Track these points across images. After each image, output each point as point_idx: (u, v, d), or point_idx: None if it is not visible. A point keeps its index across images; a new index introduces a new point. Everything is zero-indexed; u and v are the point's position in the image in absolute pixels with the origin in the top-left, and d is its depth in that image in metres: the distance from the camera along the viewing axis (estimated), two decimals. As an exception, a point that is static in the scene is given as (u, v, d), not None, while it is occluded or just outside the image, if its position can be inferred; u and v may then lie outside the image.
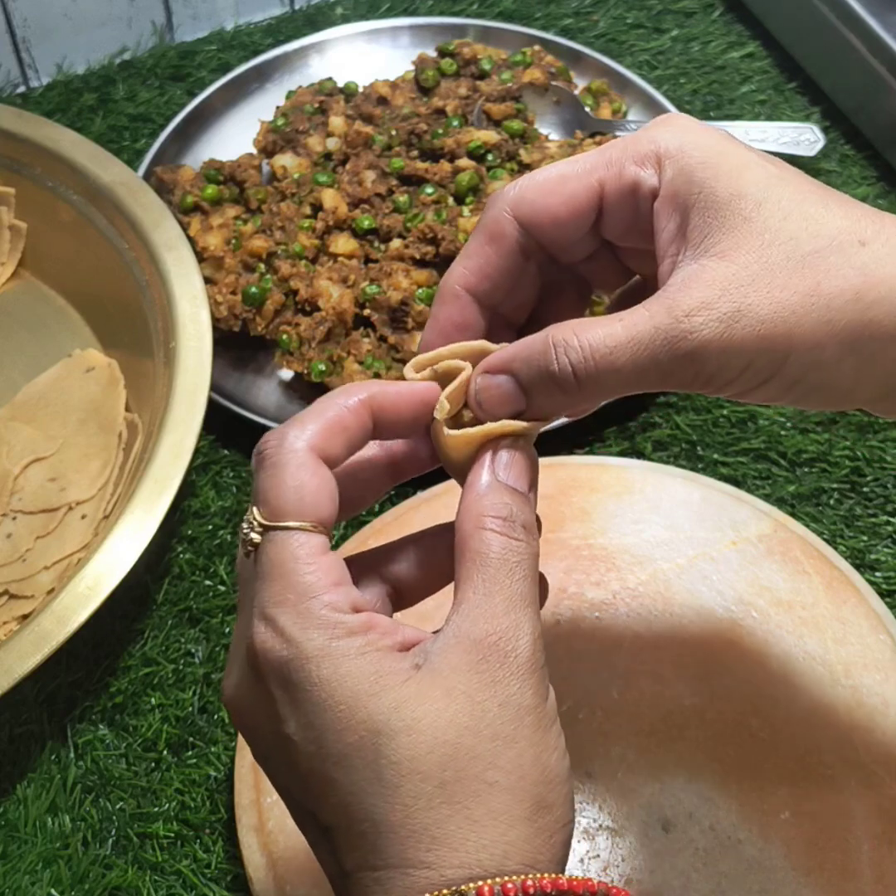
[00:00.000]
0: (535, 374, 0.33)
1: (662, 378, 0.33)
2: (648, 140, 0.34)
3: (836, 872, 0.46)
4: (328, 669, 0.30)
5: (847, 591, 0.54)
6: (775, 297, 0.32)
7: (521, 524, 0.33)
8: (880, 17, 0.73)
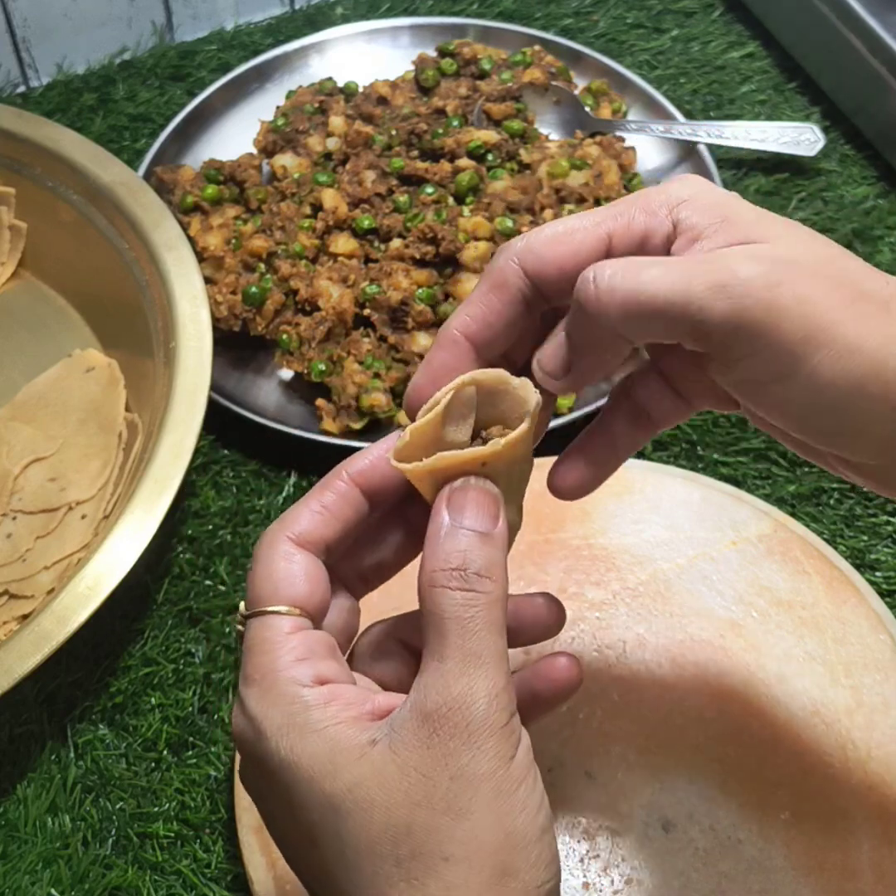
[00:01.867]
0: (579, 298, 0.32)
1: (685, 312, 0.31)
2: (659, 192, 0.34)
3: (836, 872, 0.46)
4: (286, 749, 0.31)
5: (847, 591, 0.54)
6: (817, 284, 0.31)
7: (475, 571, 0.31)
8: (880, 17, 0.73)
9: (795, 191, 0.75)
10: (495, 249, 0.66)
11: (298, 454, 0.62)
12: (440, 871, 0.29)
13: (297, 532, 0.34)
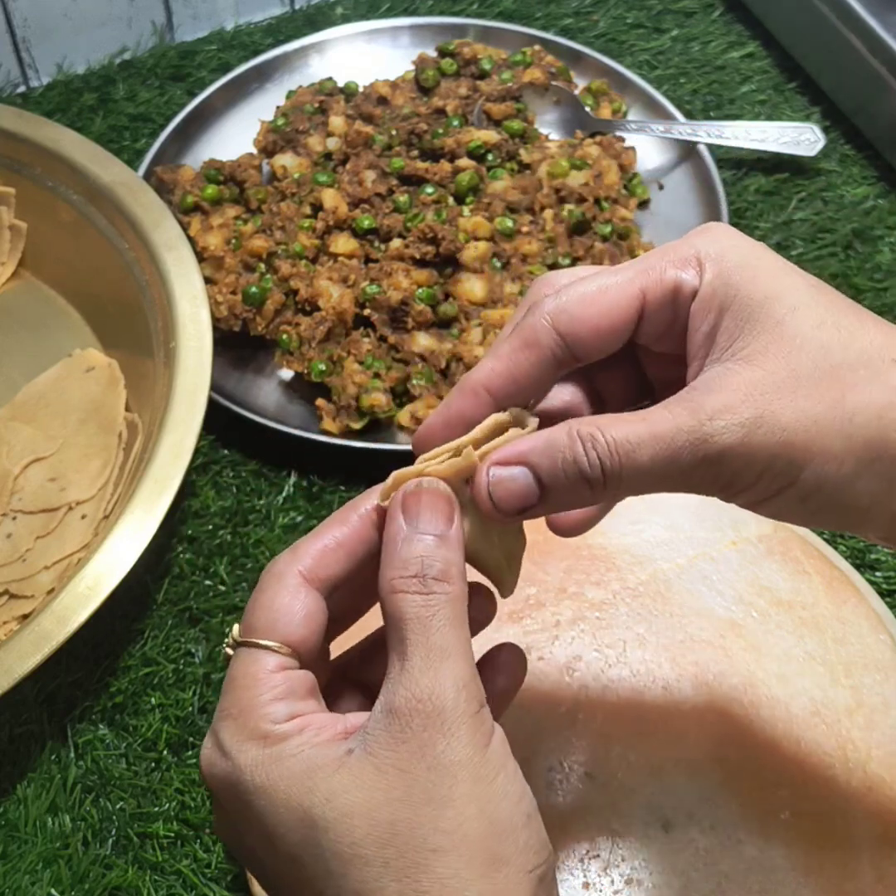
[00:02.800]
0: (559, 468, 0.32)
1: (683, 478, 0.32)
2: (689, 246, 0.34)
3: (836, 872, 0.46)
4: (261, 777, 0.31)
5: (847, 591, 0.54)
6: (799, 406, 0.32)
7: (433, 575, 0.32)
8: (880, 17, 0.73)
9: (795, 191, 0.75)
10: (495, 249, 0.67)
11: (298, 454, 0.62)
12: (430, 864, 0.29)
13: (309, 567, 0.34)
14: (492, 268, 0.66)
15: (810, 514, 0.34)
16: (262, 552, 0.59)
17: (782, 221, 0.73)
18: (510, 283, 0.66)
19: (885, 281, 0.70)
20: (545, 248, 0.68)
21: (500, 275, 0.66)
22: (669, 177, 0.75)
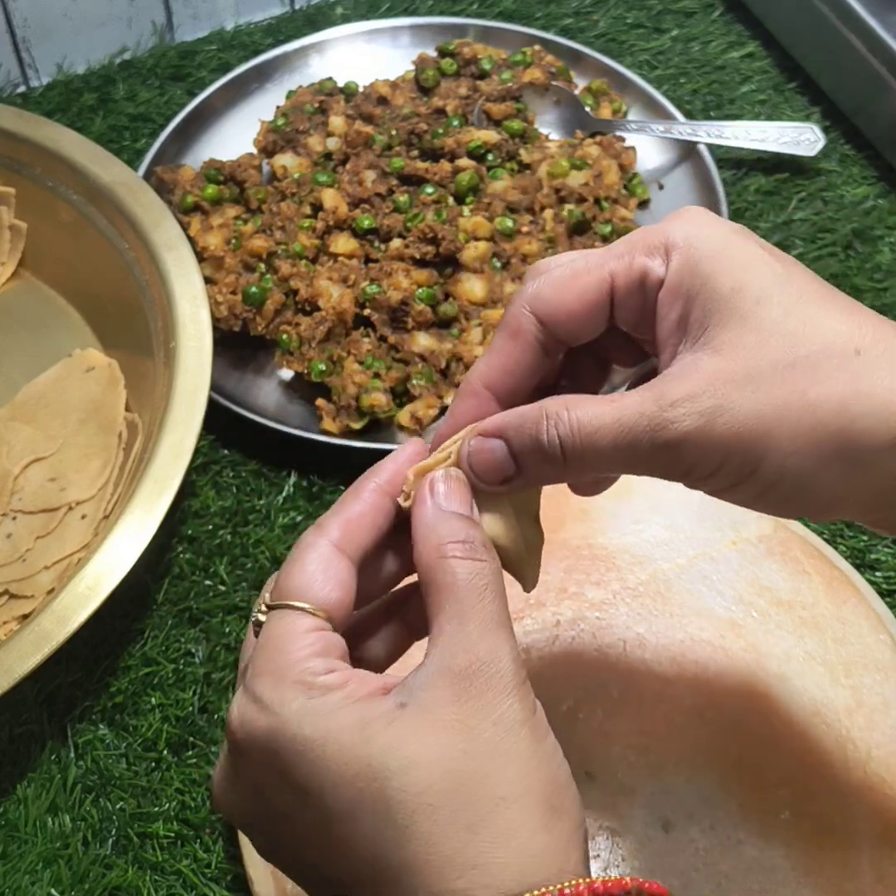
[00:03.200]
0: (525, 441, 0.34)
1: (644, 462, 0.33)
2: (659, 232, 0.35)
3: (836, 872, 0.46)
4: (310, 728, 0.31)
5: (847, 591, 0.54)
6: (759, 399, 0.32)
7: (479, 544, 0.33)
8: (880, 16, 0.73)
9: (795, 191, 0.75)
10: (495, 249, 0.67)
11: (298, 454, 0.62)
12: (498, 812, 0.30)
13: (337, 538, 0.35)
14: (492, 268, 0.66)
15: (774, 504, 0.34)
16: (262, 552, 0.59)
17: (782, 221, 0.73)
18: (510, 283, 0.66)
19: (885, 281, 0.70)
20: (545, 248, 0.68)
21: (500, 275, 0.66)
22: (669, 177, 0.75)
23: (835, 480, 0.32)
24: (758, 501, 0.34)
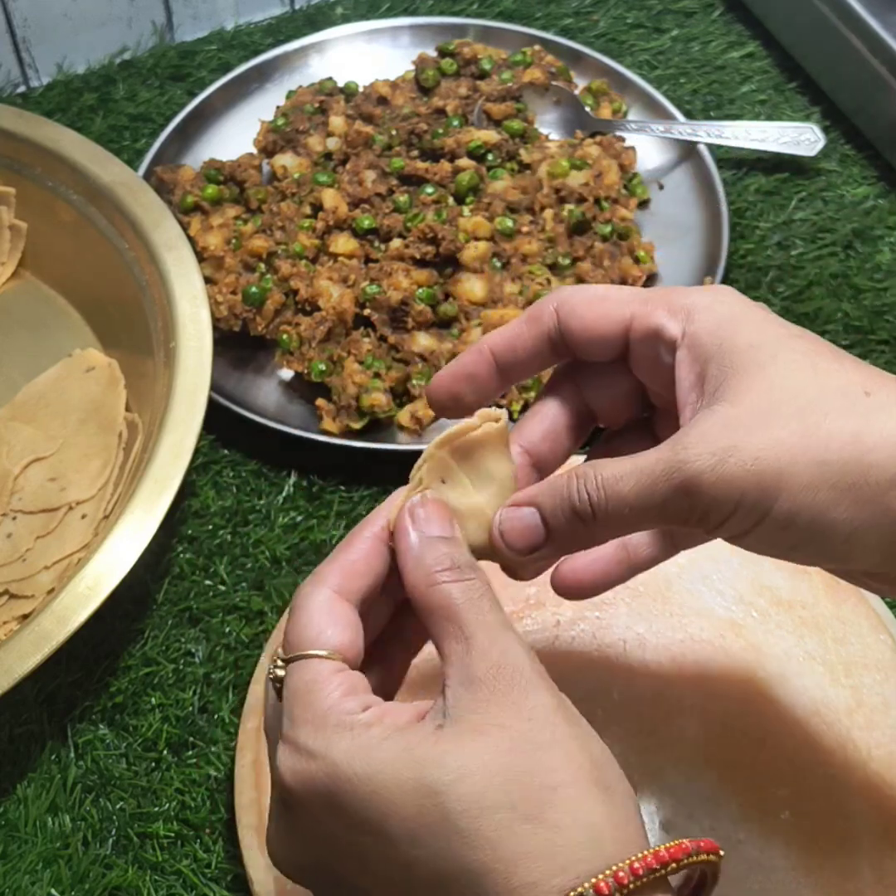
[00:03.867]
0: (557, 504, 0.35)
1: (662, 510, 0.34)
2: (685, 295, 0.37)
3: (836, 872, 0.46)
4: (361, 764, 0.32)
5: (847, 591, 0.54)
6: (772, 435, 0.32)
7: (465, 565, 0.35)
8: (880, 16, 0.73)
9: (795, 191, 0.75)
10: (495, 249, 0.67)
11: (298, 454, 0.62)
12: (554, 801, 0.31)
13: (336, 584, 0.36)
14: (492, 268, 0.66)
15: (791, 548, 0.34)
16: (262, 552, 0.59)
17: (782, 221, 0.73)
18: (510, 283, 0.66)
19: (885, 281, 0.70)
20: (545, 248, 0.68)
21: (500, 275, 0.66)
22: (669, 177, 0.75)
23: (847, 517, 0.33)
24: (775, 546, 0.35)
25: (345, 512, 0.61)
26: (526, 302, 0.65)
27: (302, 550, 0.59)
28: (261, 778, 0.49)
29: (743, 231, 0.73)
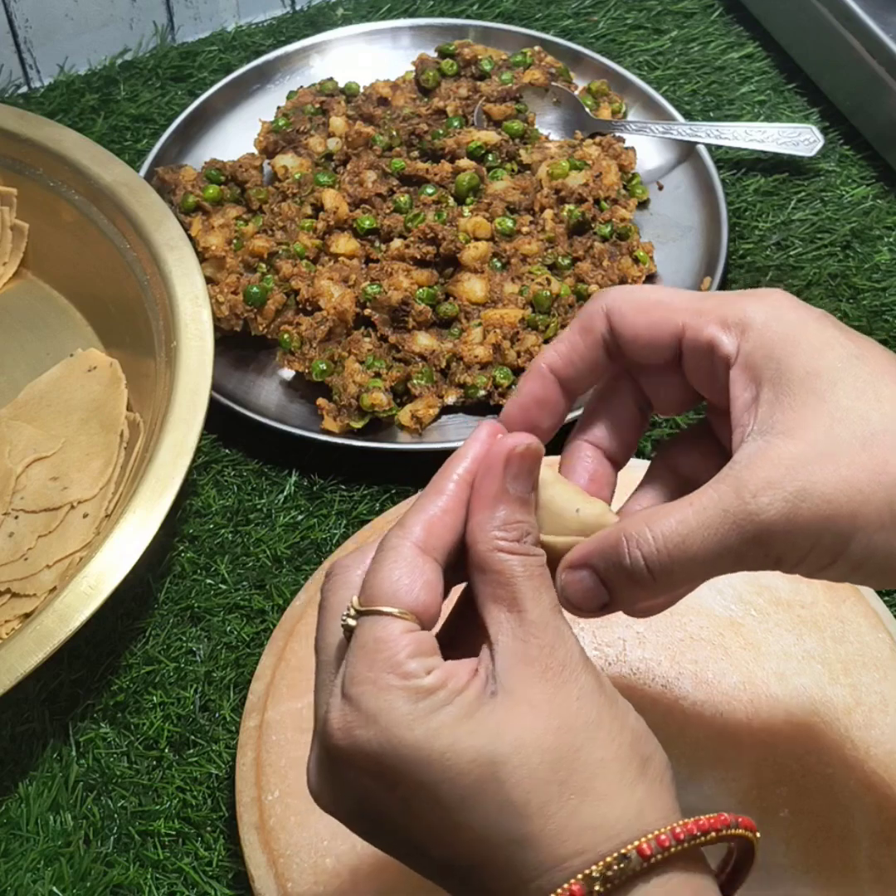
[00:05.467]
0: (610, 568, 0.35)
1: (736, 560, 0.33)
2: (740, 308, 0.35)
3: (835, 870, 0.46)
4: (421, 729, 0.32)
5: (846, 590, 0.54)
6: (841, 475, 0.32)
7: (532, 540, 0.35)
8: (879, 17, 0.73)
9: (794, 191, 0.75)
10: (496, 249, 0.67)
11: (299, 453, 0.62)
12: (599, 774, 0.32)
13: (421, 538, 0.35)
14: (492, 268, 0.67)
15: (866, 578, 0.34)
16: (263, 551, 0.59)
17: (781, 221, 0.74)
18: (510, 283, 0.66)
19: (884, 281, 0.70)
20: (545, 249, 0.68)
21: (500, 275, 0.66)
22: (669, 177, 0.75)
23: None
24: (851, 578, 0.34)
25: (345, 511, 0.61)
26: (526, 302, 0.65)
27: (303, 549, 0.60)
28: (262, 776, 0.49)
29: (742, 231, 0.73)
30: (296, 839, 0.48)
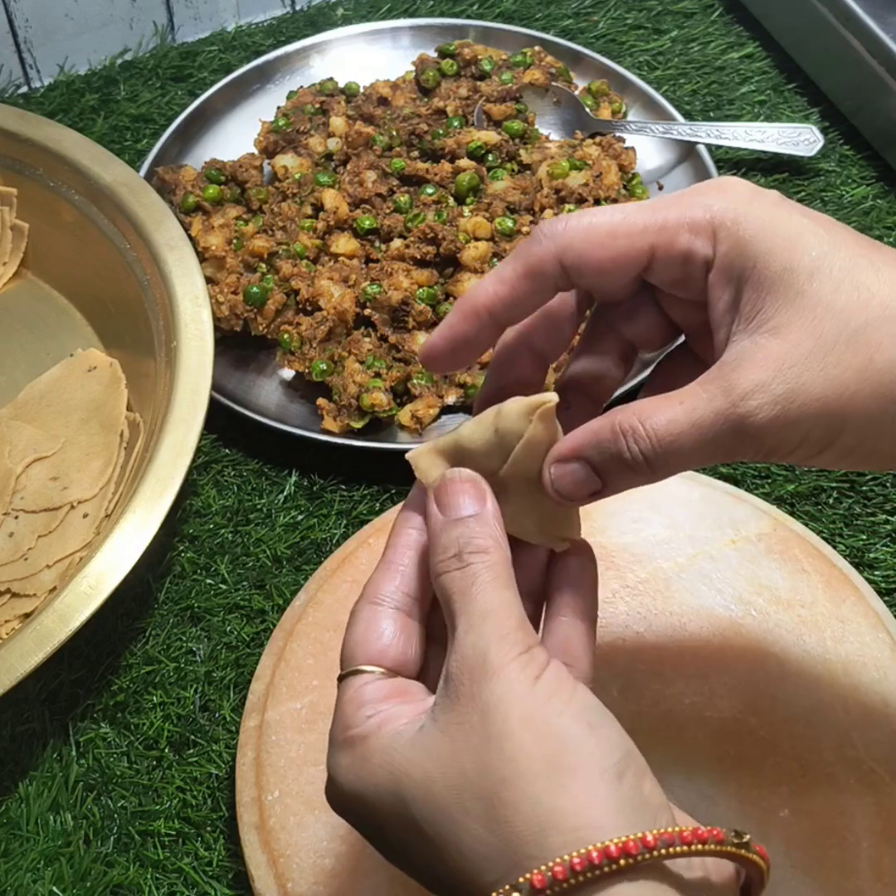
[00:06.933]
0: (608, 459, 0.34)
1: (728, 453, 0.34)
2: (704, 208, 0.34)
3: (835, 870, 0.46)
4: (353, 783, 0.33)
5: (846, 590, 0.54)
6: (829, 374, 0.32)
7: (470, 550, 0.34)
8: (879, 17, 0.73)
9: (794, 191, 0.75)
10: (496, 249, 0.67)
11: (299, 453, 0.62)
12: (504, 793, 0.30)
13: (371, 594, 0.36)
14: (492, 268, 0.67)
15: (853, 463, 0.35)
16: (263, 551, 0.59)
17: (782, 222, 0.74)
18: (510, 283, 0.66)
19: (885, 281, 0.70)
20: (545, 249, 0.68)
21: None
22: (669, 177, 0.75)
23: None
24: (838, 464, 0.35)
25: (345, 511, 0.61)
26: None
27: (303, 549, 0.60)
28: (262, 776, 0.49)
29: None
30: (296, 839, 0.48)
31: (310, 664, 0.52)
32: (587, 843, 0.29)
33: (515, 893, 0.29)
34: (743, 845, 0.31)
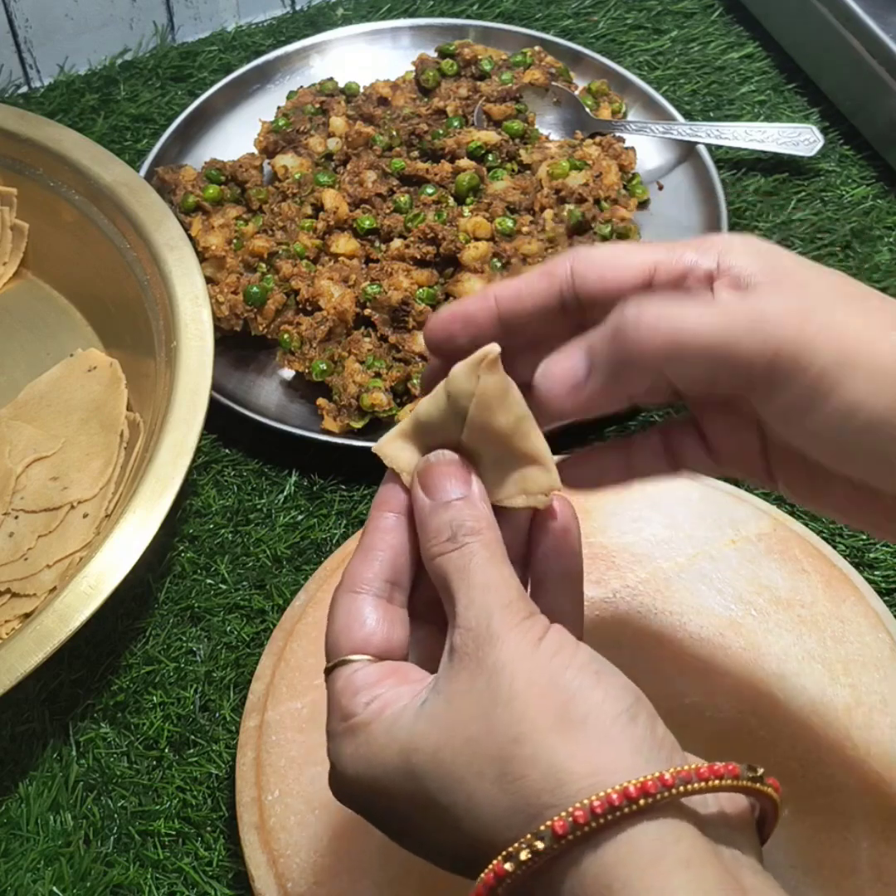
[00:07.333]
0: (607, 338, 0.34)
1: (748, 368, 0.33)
2: (714, 237, 0.36)
3: (835, 870, 0.46)
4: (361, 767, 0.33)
5: (846, 590, 0.54)
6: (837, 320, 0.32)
7: (464, 532, 0.34)
8: (879, 18, 0.73)
9: (794, 191, 0.75)
10: (496, 249, 0.67)
11: (299, 453, 0.62)
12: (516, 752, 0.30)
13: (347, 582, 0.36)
14: (492, 268, 0.67)
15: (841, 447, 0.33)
16: (263, 551, 0.59)
17: (781, 221, 0.74)
18: (510, 283, 0.66)
19: (884, 281, 0.70)
20: (545, 249, 0.68)
21: (500, 275, 0.66)
22: (669, 177, 0.75)
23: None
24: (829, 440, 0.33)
25: (345, 511, 0.61)
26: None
27: (303, 549, 0.60)
28: (262, 776, 0.49)
29: (742, 231, 0.73)
30: (296, 839, 0.48)
31: (310, 664, 0.52)
32: (606, 786, 0.29)
33: (538, 841, 0.29)
34: (758, 779, 0.32)
